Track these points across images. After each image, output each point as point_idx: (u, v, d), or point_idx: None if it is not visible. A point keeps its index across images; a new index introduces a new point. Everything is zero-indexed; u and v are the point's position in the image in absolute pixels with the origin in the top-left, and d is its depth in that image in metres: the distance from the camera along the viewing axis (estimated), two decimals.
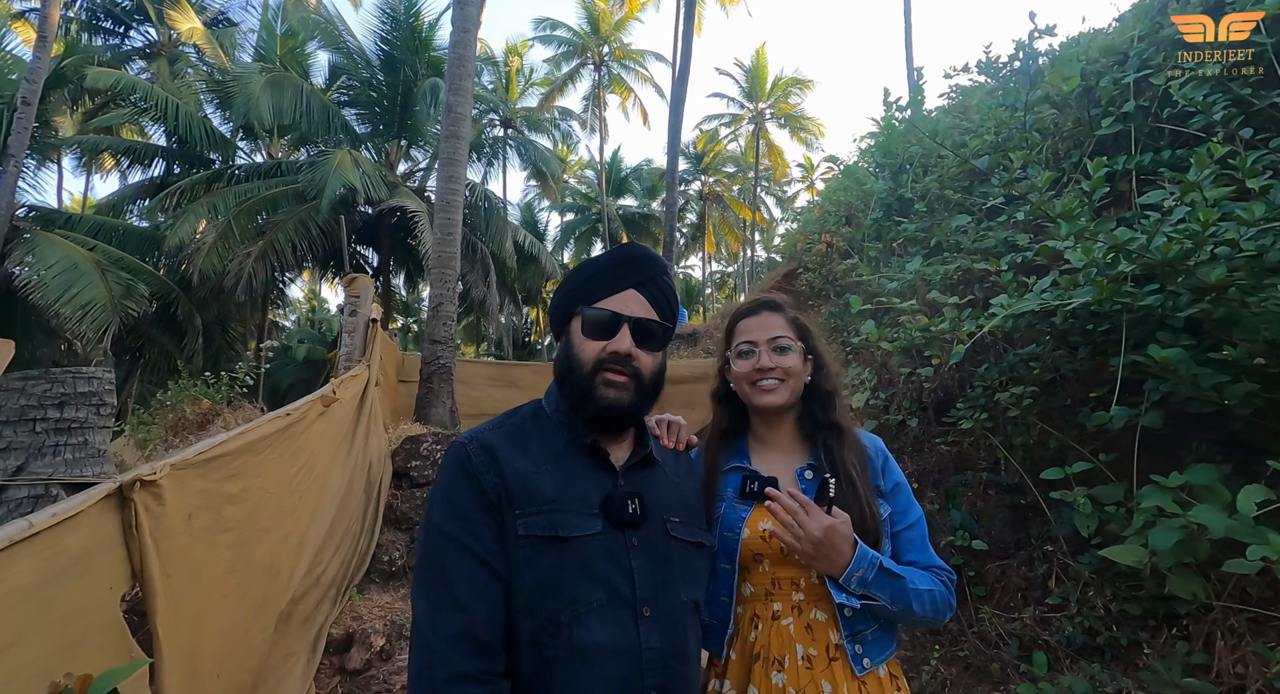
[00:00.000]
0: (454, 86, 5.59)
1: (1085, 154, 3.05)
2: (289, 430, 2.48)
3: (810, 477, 1.17)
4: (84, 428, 1.43)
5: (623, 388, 0.95)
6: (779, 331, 1.20)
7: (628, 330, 0.96)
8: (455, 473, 0.91)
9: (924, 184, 4.01)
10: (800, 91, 26.50)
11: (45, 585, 1.28)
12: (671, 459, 1.11)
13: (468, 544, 0.86)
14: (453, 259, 5.52)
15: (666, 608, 0.92)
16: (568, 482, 0.93)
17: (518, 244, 14.51)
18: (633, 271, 1.00)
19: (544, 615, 0.85)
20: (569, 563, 0.87)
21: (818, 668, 1.06)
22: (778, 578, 1.12)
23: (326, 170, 10.57)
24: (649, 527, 0.95)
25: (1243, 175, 1.77)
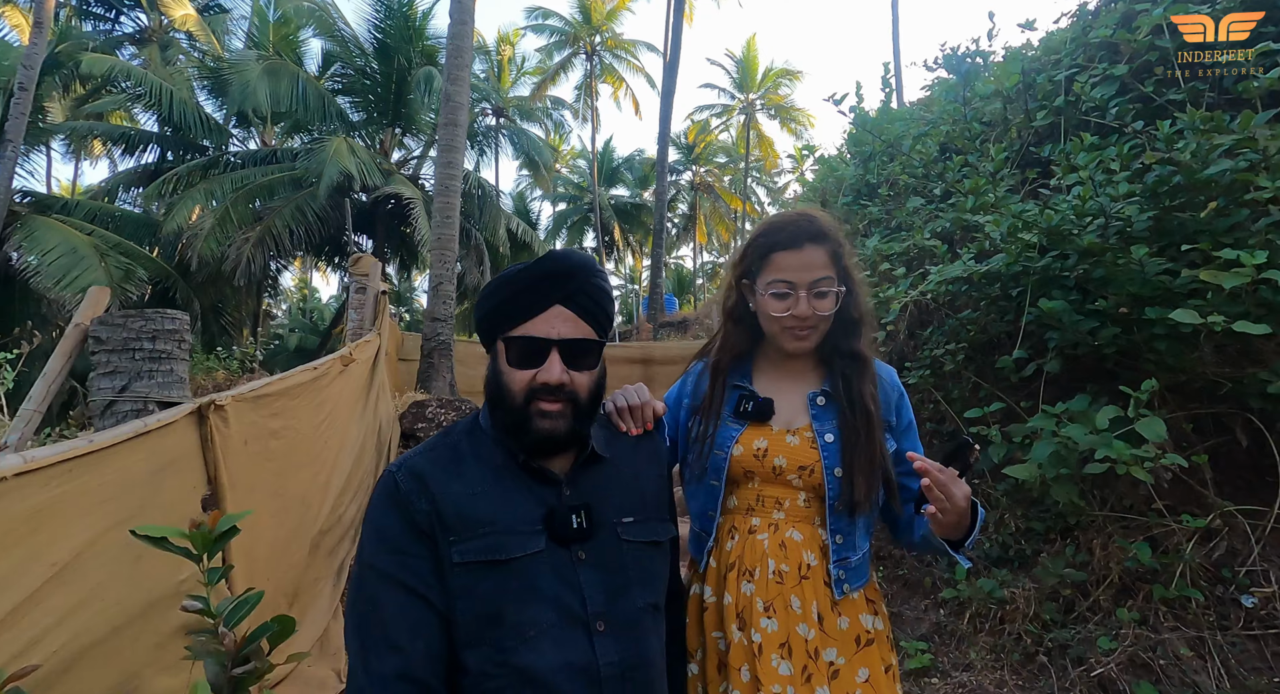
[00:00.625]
0: (452, 76, 5.89)
1: (1025, 143, 3.43)
2: (316, 382, 2.83)
3: (822, 403, 1.14)
4: (169, 358, 1.77)
5: (558, 416, 0.88)
6: (822, 272, 1.09)
7: (557, 355, 0.88)
8: (384, 503, 0.87)
9: (888, 170, 4.38)
10: (790, 82, 26.81)
11: (154, 475, 1.62)
12: (629, 447, 1.03)
13: (400, 578, 0.82)
14: (451, 241, 5.84)
15: (622, 618, 0.88)
16: (506, 500, 0.88)
17: (510, 231, 14.80)
18: (556, 286, 0.90)
19: (489, 645, 0.82)
20: (511, 587, 0.84)
21: (788, 583, 1.08)
22: (763, 495, 1.13)
23: (324, 158, 10.80)
24: (598, 537, 0.90)
25: (1120, 160, 2.15)
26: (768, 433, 1.13)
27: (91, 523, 1.39)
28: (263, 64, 11.75)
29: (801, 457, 1.11)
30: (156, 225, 13.47)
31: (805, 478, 1.11)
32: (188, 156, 14.53)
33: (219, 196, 12.11)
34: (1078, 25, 3.40)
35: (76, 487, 1.35)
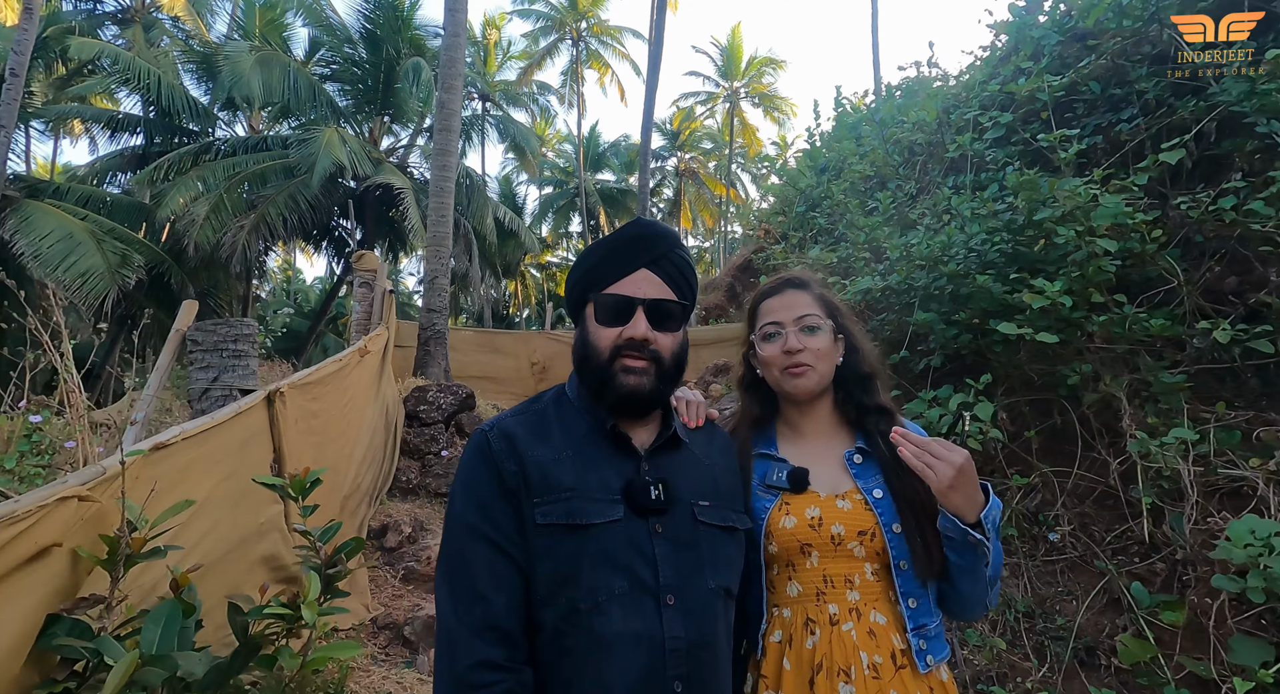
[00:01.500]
0: (446, 85, 6.35)
1: (942, 171, 4.03)
2: (341, 372, 3.39)
3: (860, 461, 1.10)
4: (246, 356, 2.32)
5: (642, 373, 0.92)
6: (806, 310, 1.13)
7: (642, 313, 0.93)
8: (476, 461, 0.91)
9: (836, 185, 4.97)
10: (774, 71, 27.16)
11: (243, 444, 2.20)
12: (704, 439, 1.06)
13: (488, 533, 0.86)
14: (446, 238, 6.35)
15: (692, 596, 0.89)
16: (588, 468, 0.91)
17: (498, 220, 15.20)
18: (643, 250, 0.95)
19: (564, 605, 0.85)
20: (588, 551, 0.86)
21: (885, 677, 0.98)
22: (829, 575, 1.04)
23: (316, 148, 11.13)
24: (675, 512, 0.92)
25: (984, 202, 2.76)
26: (816, 500, 1.07)
27: (213, 475, 1.97)
28: (255, 55, 11.98)
29: (860, 520, 1.04)
30: (147, 210, 13.71)
31: (868, 544, 1.04)
32: (175, 140, 14.71)
33: (211, 183, 12.39)
34: (986, 69, 3.99)
35: (204, 451, 1.92)
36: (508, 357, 8.46)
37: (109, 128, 14.82)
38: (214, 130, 15.40)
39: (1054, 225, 2.40)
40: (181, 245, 12.06)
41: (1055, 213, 2.45)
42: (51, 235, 11.32)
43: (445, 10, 6.32)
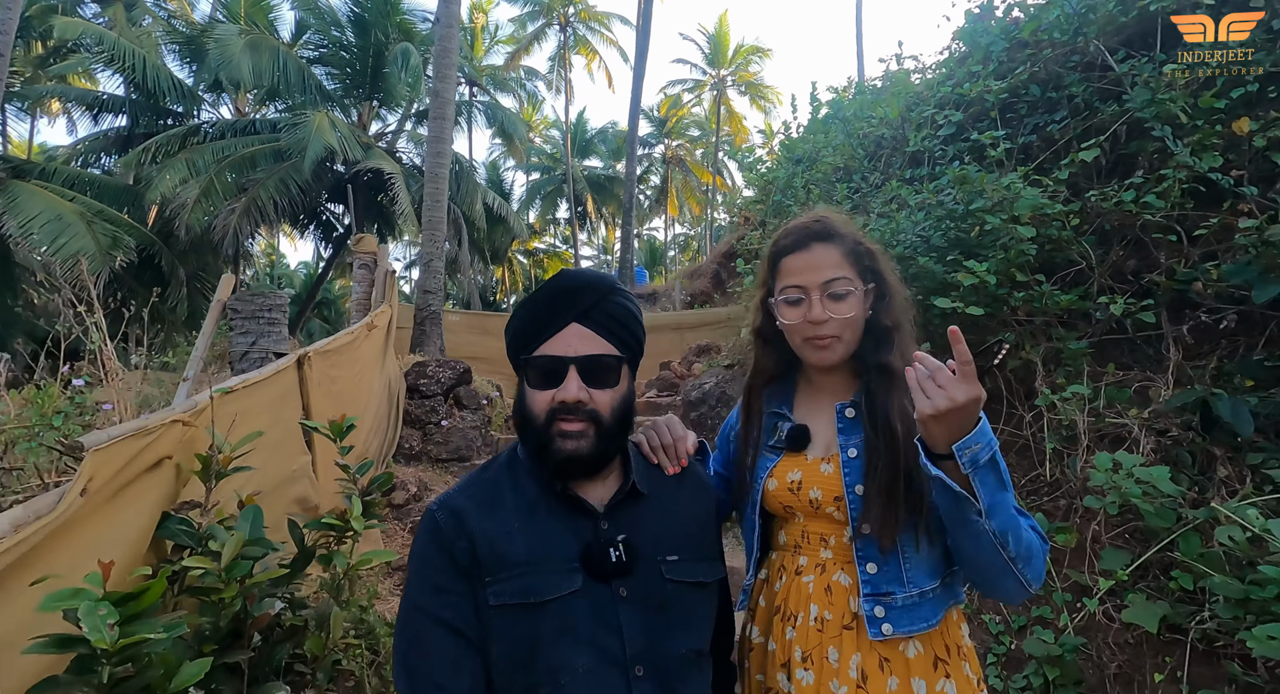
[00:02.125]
0: (440, 75, 6.59)
1: (903, 164, 4.39)
2: (353, 343, 3.71)
3: (851, 414, 1.05)
4: (278, 324, 2.63)
5: (580, 436, 0.87)
6: (835, 271, 1.02)
7: (575, 373, 0.88)
8: (427, 542, 0.88)
9: (804, 176, 5.33)
10: (760, 59, 27.38)
11: (279, 399, 2.53)
12: (673, 484, 1.00)
13: (442, 616, 0.83)
14: (440, 223, 6.64)
15: (664, 664, 0.85)
16: (541, 536, 0.87)
17: (487, 206, 15.40)
18: (570, 304, 0.91)
19: (523, 691, 0.81)
20: (545, 630, 0.82)
21: (828, 632, 0.99)
22: (808, 531, 1.06)
23: (307, 132, 11.26)
24: (640, 571, 0.88)
25: (930, 193, 3.13)
26: (802, 463, 1.06)
27: (258, 422, 2.30)
28: (245, 38, 12.01)
29: (836, 486, 1.02)
30: (135, 192, 13.73)
31: (843, 510, 1.01)
32: (160, 122, 14.69)
33: (200, 167, 12.45)
34: (944, 71, 4.35)
35: (252, 400, 2.25)
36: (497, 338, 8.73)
37: (91, 108, 14.76)
38: (199, 111, 15.38)
39: (985, 214, 2.78)
40: (172, 228, 12.14)
41: (987, 203, 2.83)
42: (40, 216, 11.36)
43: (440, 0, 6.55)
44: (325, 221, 17.99)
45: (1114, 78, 3.06)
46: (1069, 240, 2.83)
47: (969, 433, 0.85)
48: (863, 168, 4.44)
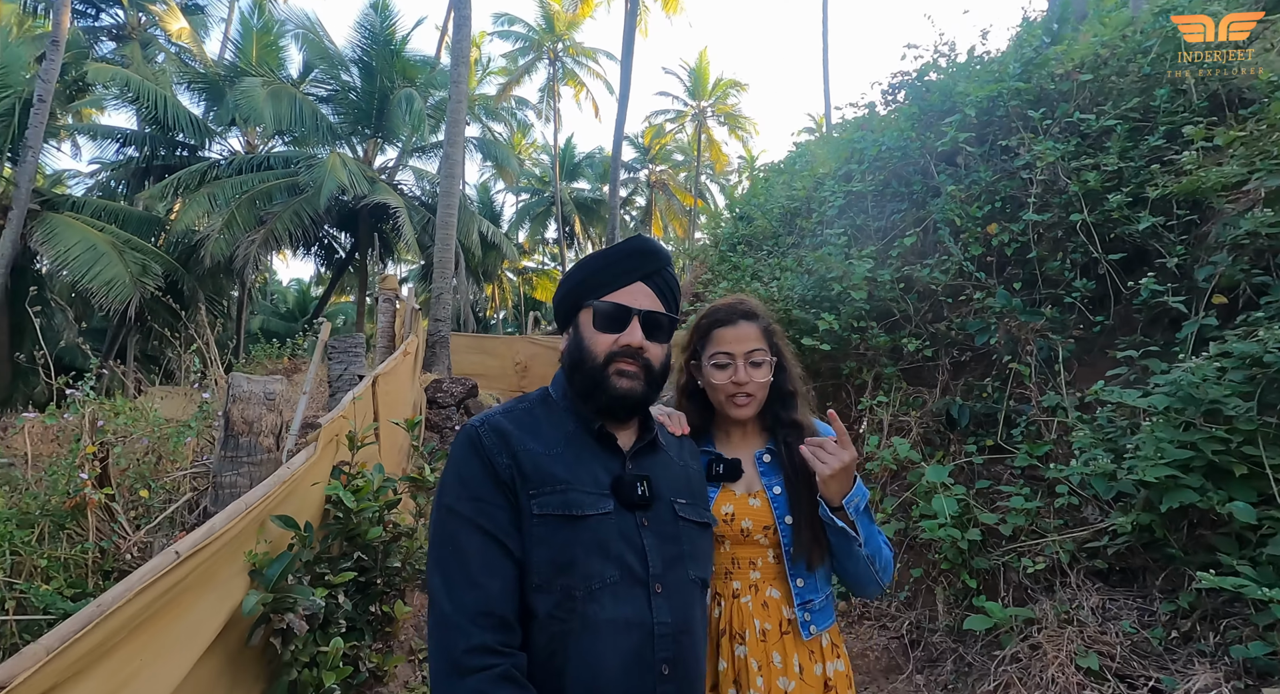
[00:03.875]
0: (451, 139, 7.98)
1: (802, 232, 5.80)
2: (397, 365, 5.03)
3: (769, 460, 1.30)
4: (360, 356, 3.94)
5: (634, 377, 0.99)
6: (754, 344, 1.27)
7: (638, 323, 0.99)
8: (467, 454, 0.96)
9: (750, 230, 6.74)
10: (737, 92, 29.19)
11: (361, 403, 3.84)
12: (675, 444, 1.16)
13: (480, 523, 0.91)
14: (448, 263, 7.98)
15: (676, 585, 0.97)
16: (578, 464, 0.97)
17: (482, 234, 16.75)
18: (640, 265, 1.03)
19: (560, 591, 0.90)
20: (583, 540, 0.92)
21: (770, 641, 1.20)
22: (736, 557, 1.25)
23: (322, 172, 12.58)
24: (658, 508, 1.00)
25: (799, 263, 4.52)
26: (732, 497, 1.26)
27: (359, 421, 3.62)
28: (267, 89, 13.35)
29: (764, 517, 1.24)
30: (156, 222, 14.95)
31: (770, 536, 1.24)
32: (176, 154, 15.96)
33: (221, 201, 13.72)
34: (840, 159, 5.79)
35: (357, 407, 3.57)
36: (495, 357, 10.11)
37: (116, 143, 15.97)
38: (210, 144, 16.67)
39: (833, 282, 4.17)
40: (198, 256, 13.34)
41: (836, 274, 4.23)
42: (76, 246, 12.53)
43: (451, 76, 7.94)
44: (327, 245, 19.26)
45: (936, 184, 4.49)
46: (895, 298, 4.23)
47: (853, 487, 1.16)
48: (778, 231, 5.86)
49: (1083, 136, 3.88)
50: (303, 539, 2.20)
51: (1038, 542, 2.66)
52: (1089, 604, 2.26)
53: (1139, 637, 2.07)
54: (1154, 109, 3.61)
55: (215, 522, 1.75)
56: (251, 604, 1.88)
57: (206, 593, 1.79)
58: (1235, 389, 2.14)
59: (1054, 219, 3.69)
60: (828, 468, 1.14)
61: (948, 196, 4.22)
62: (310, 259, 20.90)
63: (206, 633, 1.76)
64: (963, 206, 4.14)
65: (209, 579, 1.79)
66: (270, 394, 2.52)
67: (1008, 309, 3.54)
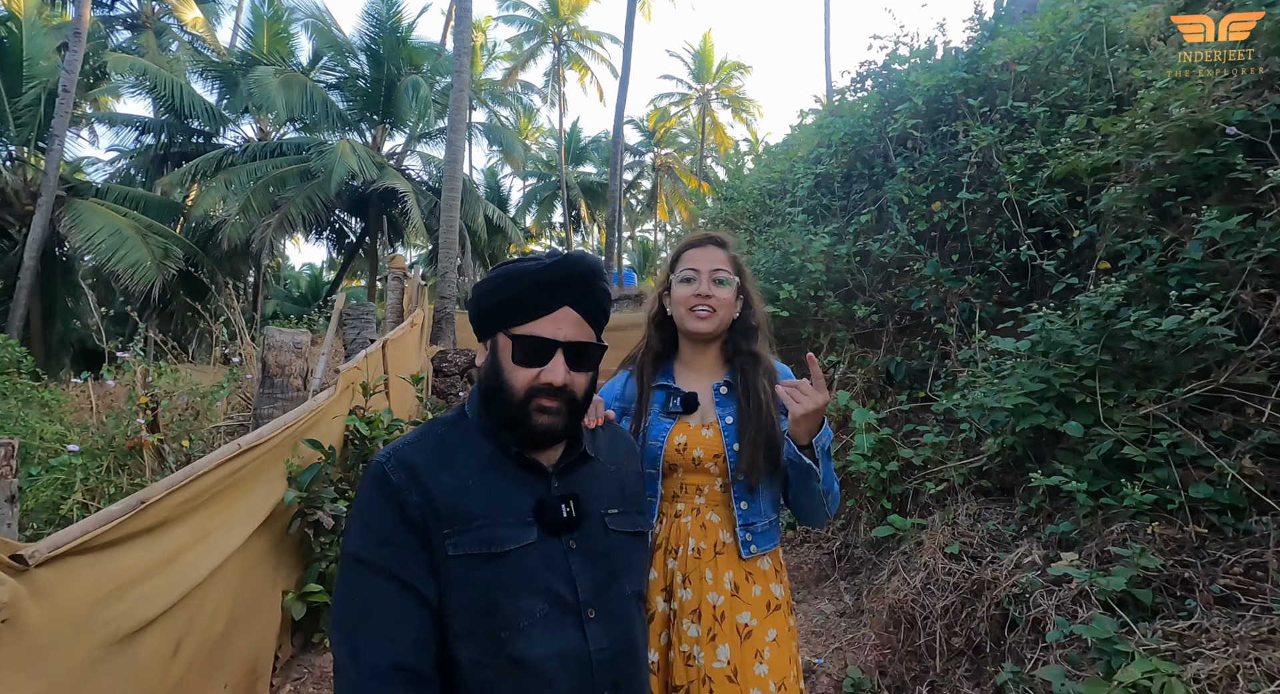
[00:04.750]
0: (453, 127, 8.44)
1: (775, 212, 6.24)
2: (404, 335, 5.58)
3: (725, 391, 1.36)
4: (370, 322, 4.47)
5: (556, 413, 0.91)
6: (720, 265, 1.34)
7: (562, 356, 0.90)
8: (374, 494, 0.88)
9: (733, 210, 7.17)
10: (741, 75, 29.27)
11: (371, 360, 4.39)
12: (609, 445, 1.08)
13: (389, 569, 0.84)
14: (454, 244, 8.50)
15: (611, 605, 0.93)
16: (497, 492, 0.91)
17: (488, 217, 17.25)
18: (570, 288, 0.93)
19: (483, 635, 0.84)
20: (504, 577, 0.86)
21: (704, 559, 1.29)
22: (685, 483, 1.34)
23: (333, 158, 13.10)
24: (587, 525, 0.95)
25: (769, 240, 4.98)
26: (685, 428, 1.34)
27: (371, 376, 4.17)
28: (279, 78, 13.83)
29: (715, 446, 1.31)
30: (175, 207, 15.57)
31: (719, 464, 1.31)
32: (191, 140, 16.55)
33: (237, 187, 14.30)
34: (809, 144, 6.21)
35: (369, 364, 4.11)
36: None
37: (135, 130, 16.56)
38: (224, 131, 17.24)
39: (794, 256, 4.64)
40: (216, 240, 13.96)
41: (796, 249, 4.69)
42: (102, 231, 13.17)
43: (454, 66, 8.38)
44: (338, 229, 19.85)
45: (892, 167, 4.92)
46: (851, 270, 4.69)
47: (821, 429, 1.24)
48: (756, 211, 6.31)
49: (1020, 123, 4.29)
50: (327, 456, 2.75)
51: (940, 468, 3.16)
52: (968, 512, 2.75)
53: (997, 532, 2.57)
54: (1079, 97, 4.01)
55: (263, 430, 2.29)
56: (291, 497, 2.43)
57: (257, 486, 2.34)
58: (1086, 335, 2.61)
59: (986, 197, 4.12)
60: (800, 408, 1.19)
61: (899, 178, 4.65)
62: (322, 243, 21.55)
63: (258, 515, 2.32)
64: (911, 187, 4.58)
65: (259, 475, 2.34)
66: (299, 343, 3.05)
67: (936, 277, 4.00)
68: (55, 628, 1.32)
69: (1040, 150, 3.87)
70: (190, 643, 1.83)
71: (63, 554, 1.34)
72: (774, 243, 5.13)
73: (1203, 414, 2.37)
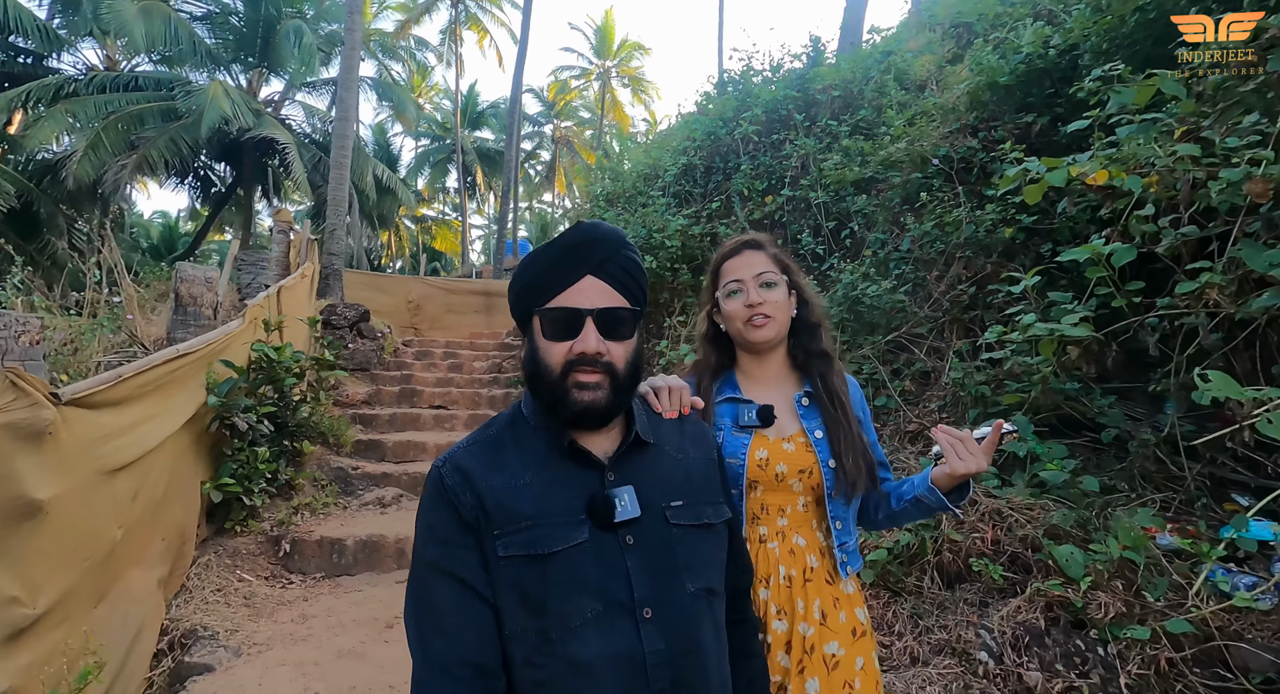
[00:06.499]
0: (345, 84, 8.47)
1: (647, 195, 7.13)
2: (301, 281, 5.89)
3: (807, 403, 1.28)
4: (266, 269, 4.78)
5: (596, 388, 0.89)
6: (763, 268, 1.27)
7: (592, 325, 0.89)
8: (433, 498, 0.91)
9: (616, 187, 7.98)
10: (641, 56, 29.95)
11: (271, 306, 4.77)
12: (674, 431, 1.04)
13: (449, 569, 0.87)
14: (343, 201, 8.59)
15: (671, 604, 0.89)
16: (548, 491, 0.90)
17: (377, 177, 16.78)
18: (586, 257, 0.91)
19: (534, 634, 0.85)
20: (554, 578, 0.85)
21: (795, 587, 1.22)
22: (766, 504, 1.24)
23: (204, 100, 12.26)
24: (645, 519, 0.91)
25: (646, 215, 5.85)
26: (765, 442, 1.24)
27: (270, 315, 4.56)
28: (138, 5, 12.59)
29: (800, 460, 1.23)
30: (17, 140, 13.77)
31: (805, 481, 1.23)
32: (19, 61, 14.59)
33: (83, 120, 12.92)
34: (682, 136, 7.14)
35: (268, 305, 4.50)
36: (388, 294, 10.81)
37: None
38: (58, 54, 15.33)
39: (655, 233, 5.54)
40: (58, 178, 12.61)
41: (656, 227, 5.60)
42: None
43: (346, 24, 8.40)
44: (204, 177, 18.35)
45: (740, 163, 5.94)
46: (702, 248, 5.68)
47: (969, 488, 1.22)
48: (634, 192, 7.17)
49: (833, 138, 5.44)
50: (240, 373, 3.25)
51: None
52: None
53: None
54: (871, 121, 5.21)
55: (191, 343, 2.81)
56: (214, 401, 2.96)
57: (186, 387, 2.86)
58: (838, 301, 3.71)
59: (801, 195, 5.24)
60: (962, 466, 1.15)
61: (742, 173, 5.68)
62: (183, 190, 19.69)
63: (187, 411, 2.84)
64: (751, 181, 5.62)
65: (188, 379, 2.85)
66: (210, 279, 3.46)
67: None
68: (74, 448, 1.90)
69: (839, 161, 5.03)
70: (142, 496, 2.39)
71: (75, 400, 1.92)
72: (642, 221, 6.00)
73: (891, 353, 3.55)
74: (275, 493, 3.68)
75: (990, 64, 3.98)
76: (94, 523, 2.02)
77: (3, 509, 1.62)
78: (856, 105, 5.47)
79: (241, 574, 3.08)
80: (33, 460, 1.71)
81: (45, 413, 1.74)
